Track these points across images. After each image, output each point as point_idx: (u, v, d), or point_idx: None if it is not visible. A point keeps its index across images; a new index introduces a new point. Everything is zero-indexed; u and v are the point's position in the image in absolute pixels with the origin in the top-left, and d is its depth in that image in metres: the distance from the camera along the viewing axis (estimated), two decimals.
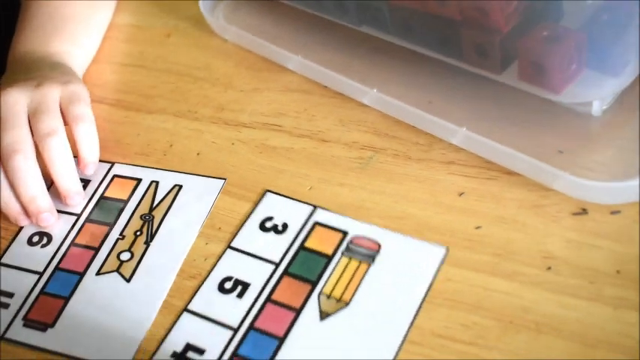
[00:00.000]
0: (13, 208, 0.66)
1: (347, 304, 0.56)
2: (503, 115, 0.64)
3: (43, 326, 0.60)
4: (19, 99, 0.67)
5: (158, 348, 0.56)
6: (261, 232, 0.62)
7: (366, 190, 0.63)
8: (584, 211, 0.57)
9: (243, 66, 0.78)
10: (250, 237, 0.62)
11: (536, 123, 0.63)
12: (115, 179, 0.69)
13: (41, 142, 0.66)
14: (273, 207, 0.64)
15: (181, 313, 0.58)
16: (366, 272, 0.58)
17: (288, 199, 0.64)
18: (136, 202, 0.67)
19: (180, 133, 0.72)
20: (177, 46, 0.83)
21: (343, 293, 0.57)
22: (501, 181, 0.61)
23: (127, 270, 0.62)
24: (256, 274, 0.59)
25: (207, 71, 0.79)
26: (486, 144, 0.61)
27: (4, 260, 0.65)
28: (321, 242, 0.60)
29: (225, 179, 0.67)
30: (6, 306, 0.61)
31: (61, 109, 0.68)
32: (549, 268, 0.54)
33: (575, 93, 0.59)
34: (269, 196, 0.65)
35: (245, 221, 0.63)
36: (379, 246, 0.59)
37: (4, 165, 0.65)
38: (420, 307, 0.55)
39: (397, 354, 0.53)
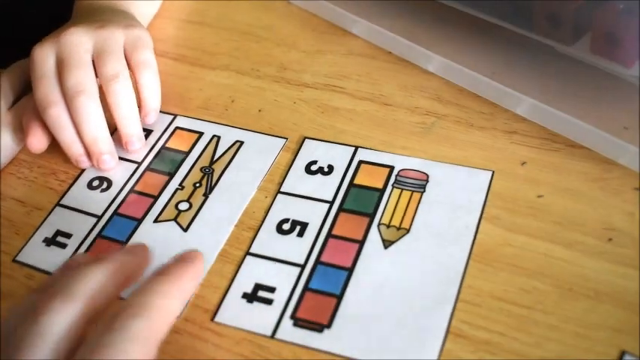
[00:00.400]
0: (75, 149, 0.66)
1: (408, 230, 0.58)
2: (568, 89, 0.64)
3: None
4: (82, 39, 0.67)
5: (226, 292, 0.56)
6: (307, 175, 0.64)
7: (427, 154, 0.63)
8: None
9: (307, 28, 0.79)
10: (299, 181, 0.63)
11: (601, 98, 0.62)
12: (177, 131, 0.70)
13: (106, 84, 0.66)
14: (315, 152, 0.65)
15: (243, 259, 0.58)
16: (420, 200, 0.59)
17: (328, 143, 0.66)
18: (197, 155, 0.67)
19: (242, 90, 0.73)
20: (241, 6, 0.84)
21: (402, 221, 0.58)
22: (564, 153, 0.61)
23: (184, 219, 0.62)
24: (312, 214, 0.61)
25: (271, 32, 0.79)
26: (553, 114, 0.61)
27: (63, 202, 0.65)
28: (369, 178, 0.62)
29: (286, 138, 0.67)
30: (63, 246, 0.62)
31: (124, 55, 0.68)
32: (610, 239, 0.54)
33: None
34: (308, 142, 0.66)
35: (290, 167, 0.64)
36: (427, 176, 0.61)
37: (68, 106, 0.65)
38: (478, 224, 0.57)
39: (465, 269, 0.54)
